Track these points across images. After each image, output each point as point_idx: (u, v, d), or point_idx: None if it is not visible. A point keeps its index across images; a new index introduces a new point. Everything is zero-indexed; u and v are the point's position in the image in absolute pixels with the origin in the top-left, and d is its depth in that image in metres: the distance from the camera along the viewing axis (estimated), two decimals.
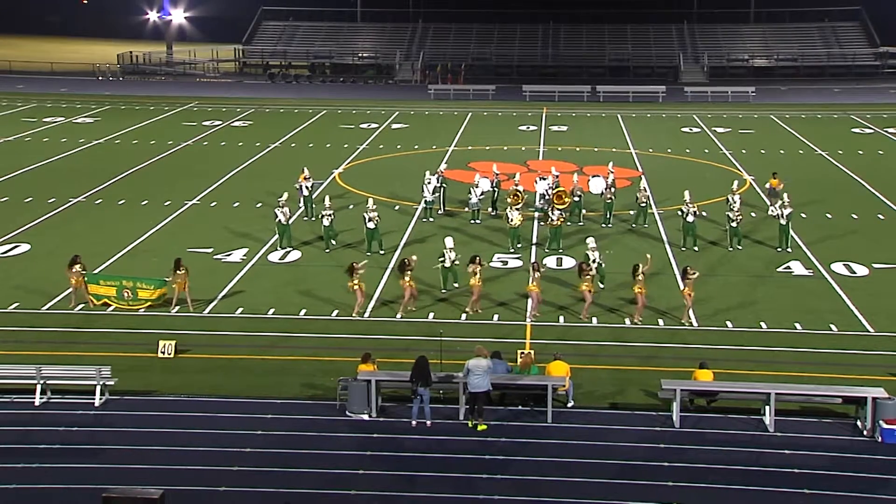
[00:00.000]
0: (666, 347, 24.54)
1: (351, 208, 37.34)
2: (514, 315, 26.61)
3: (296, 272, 30.33)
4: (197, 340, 24.84)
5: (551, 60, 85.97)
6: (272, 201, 36.55)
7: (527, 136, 55.56)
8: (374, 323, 26.13)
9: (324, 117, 62.10)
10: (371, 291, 27.91)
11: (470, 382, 20.09)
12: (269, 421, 20.49)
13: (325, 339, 25.08)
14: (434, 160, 44.96)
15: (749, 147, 51.26)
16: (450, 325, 25.61)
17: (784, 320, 26.25)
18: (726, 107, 67.09)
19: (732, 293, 28.46)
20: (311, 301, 27.68)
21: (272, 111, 64.97)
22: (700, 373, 21.30)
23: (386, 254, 31.65)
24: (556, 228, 32.28)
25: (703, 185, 40.47)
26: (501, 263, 31.04)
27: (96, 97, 70.90)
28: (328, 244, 32.21)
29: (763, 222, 35.30)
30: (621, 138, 54.22)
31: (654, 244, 33.28)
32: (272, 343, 24.81)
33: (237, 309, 27.05)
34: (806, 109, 65.46)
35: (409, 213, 37.08)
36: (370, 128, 57.69)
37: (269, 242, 33.08)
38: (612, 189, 35.76)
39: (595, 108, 67.11)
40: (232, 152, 49.63)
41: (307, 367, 23.18)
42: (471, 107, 66.76)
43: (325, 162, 46.21)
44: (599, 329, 25.76)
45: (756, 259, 31.63)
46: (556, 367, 21.33)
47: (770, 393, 20.29)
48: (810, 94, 74.06)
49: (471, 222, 35.66)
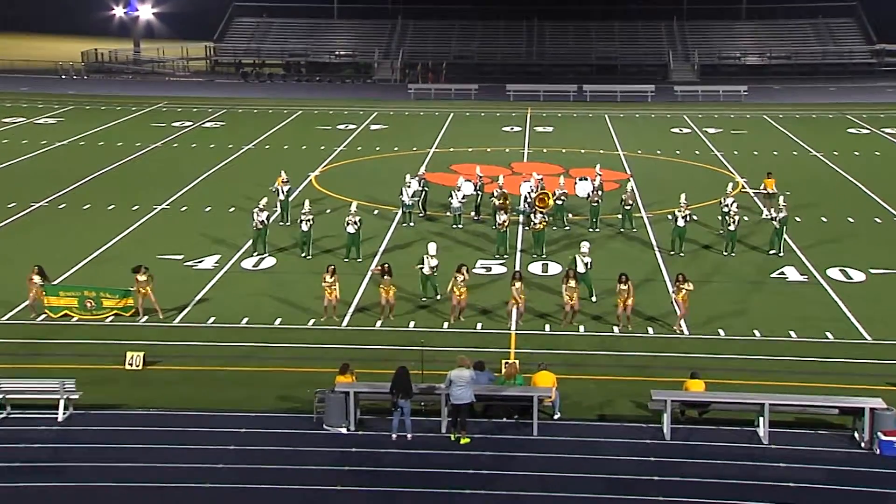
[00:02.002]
0: (656, 356, 24.59)
1: (329, 213, 37.30)
2: (497, 324, 26.63)
3: (271, 279, 30.25)
4: (167, 351, 24.73)
5: (536, 59, 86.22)
6: (245, 205, 36.47)
7: (511, 137, 55.63)
8: (352, 332, 26.09)
9: (299, 118, 62.00)
10: (348, 299, 27.90)
11: (452, 394, 20.08)
12: (242, 435, 20.41)
13: (301, 349, 25.02)
14: (414, 162, 44.97)
15: (741, 148, 51.51)
16: (431, 333, 25.59)
17: (778, 328, 26.37)
18: (717, 106, 67.41)
19: (725, 300, 28.56)
20: (286, 309, 27.61)
21: (245, 112, 64.82)
22: (691, 383, 21.37)
23: (364, 261, 31.64)
24: (538, 233, 32.32)
25: (695, 188, 40.61)
26: (485, 270, 31.07)
27: (59, 97, 70.58)
28: (304, 249, 32.16)
29: (757, 226, 35.46)
30: (609, 139, 54.38)
31: (644, 249, 33.38)
32: (246, 354, 24.74)
33: (209, 318, 26.96)
34: (800, 109, 65.86)
35: (389, 218, 37.06)
36: (348, 129, 57.64)
37: (242, 249, 32.99)
38: (599, 192, 35.87)
39: (582, 108, 67.30)
40: (203, 155, 49.48)
41: (282, 379, 23.11)
42: (453, 107, 66.82)
43: (300, 164, 46.13)
44: (587, 337, 25.79)
45: (749, 265, 31.76)
46: (542, 378, 21.34)
47: (764, 404, 20.36)
48: (805, 93, 74.52)
49: (453, 227, 35.67)
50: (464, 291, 26.53)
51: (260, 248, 32.36)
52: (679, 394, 21.06)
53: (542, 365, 21.80)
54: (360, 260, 31.61)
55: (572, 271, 26.60)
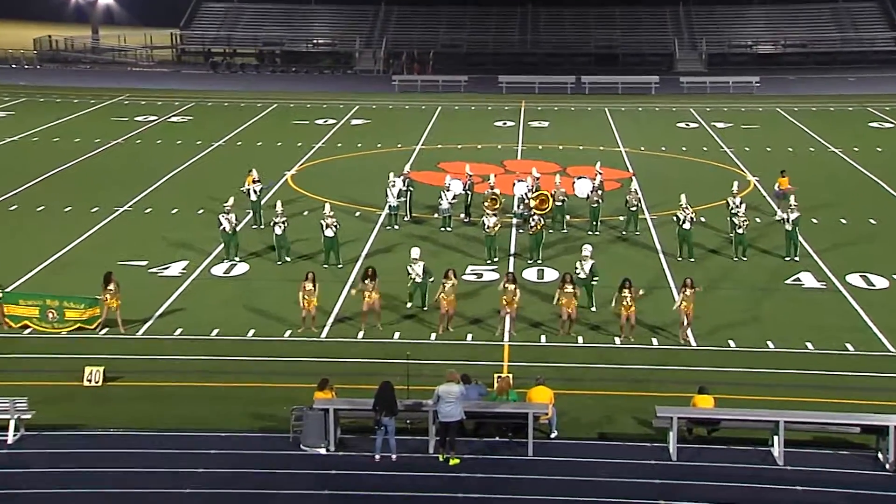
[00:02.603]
0: (661, 370, 24.65)
1: (306, 215, 37.29)
2: (489, 334, 26.67)
3: (243, 287, 30.23)
4: (129, 366, 24.67)
5: (530, 48, 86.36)
6: (215, 207, 36.42)
7: (503, 132, 55.68)
8: (332, 344, 26.09)
9: (274, 112, 61.97)
10: (328, 308, 27.92)
11: (440, 411, 20.10)
12: (212, 457, 20.38)
13: (276, 362, 25.00)
14: (399, 160, 44.98)
15: (753, 144, 51.66)
16: (418, 345, 25.60)
17: (794, 339, 26.45)
18: (727, 99, 67.63)
19: (735, 308, 28.65)
20: (260, 320, 27.60)
21: (215, 105, 64.76)
22: (699, 398, 21.42)
23: (345, 266, 31.64)
24: (535, 236, 32.39)
25: (703, 187, 40.72)
26: (475, 276, 31.10)
27: (9, 88, 70.36)
28: (280, 255, 32.17)
29: (769, 228, 35.57)
30: (609, 135, 54.50)
31: (648, 254, 33.47)
32: (216, 368, 24.70)
33: (176, 329, 26.93)
34: (817, 101, 66.10)
35: (372, 221, 37.07)
36: (327, 124, 57.65)
37: (212, 254, 32.96)
38: (600, 192, 35.96)
39: (580, 101, 67.43)
40: (169, 152, 49.41)
41: (256, 395, 23.09)
42: (440, 100, 66.89)
43: (275, 162, 46.10)
44: (586, 349, 25.84)
45: (761, 270, 31.87)
46: (539, 393, 21.37)
47: (779, 421, 20.40)
48: (822, 83, 74.74)
49: (441, 230, 35.72)
50: (452, 300, 26.58)
51: (231, 254, 32.35)
52: (686, 410, 21.10)
53: (540, 379, 21.82)
54: (340, 266, 31.61)
55: (570, 276, 26.67)
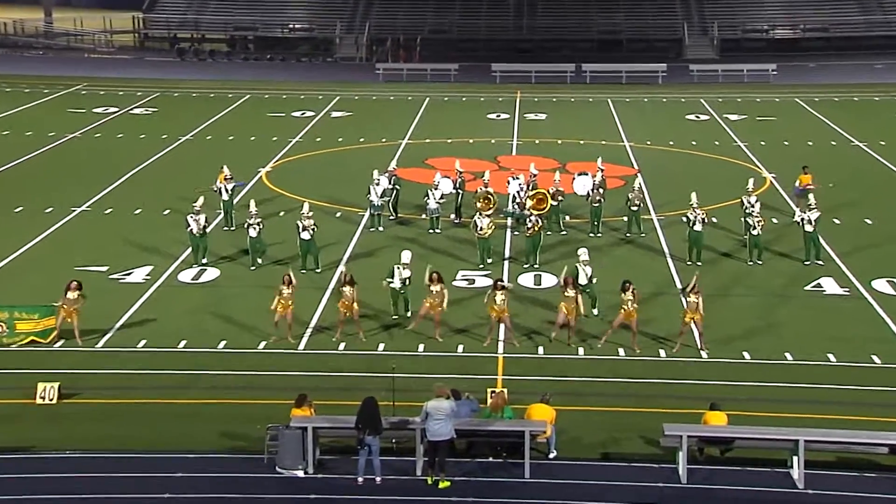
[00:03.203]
0: (669, 384, 24.66)
1: (282, 216, 37.28)
2: (481, 345, 26.67)
3: (213, 294, 30.21)
4: (87, 382, 24.58)
5: (526, 33, 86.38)
6: (183, 207, 36.38)
7: (497, 126, 55.76)
8: (310, 357, 26.07)
9: (247, 103, 61.96)
10: (306, 317, 27.90)
11: (429, 429, 20.08)
12: (179, 481, 20.33)
13: (249, 376, 24.96)
14: (384, 156, 45.00)
15: (769, 138, 51.78)
16: (404, 357, 25.59)
17: (814, 350, 26.49)
18: (741, 88, 67.78)
19: (750, 316, 28.69)
20: (232, 330, 27.57)
21: (182, 96, 64.72)
22: (711, 415, 21.43)
23: (324, 271, 31.63)
24: (532, 238, 32.41)
25: (715, 185, 40.75)
26: (467, 282, 31.10)
27: None
28: (254, 260, 32.13)
29: (787, 230, 35.62)
30: (612, 128, 54.58)
31: (654, 257, 33.52)
32: (183, 383, 24.65)
33: (139, 341, 26.87)
34: (839, 90, 66.25)
35: (354, 222, 37.08)
36: (304, 116, 57.65)
37: (179, 258, 32.93)
38: (601, 190, 35.98)
39: (580, 91, 67.53)
40: (132, 146, 49.35)
41: (228, 413, 23.04)
42: (428, 90, 66.94)
43: (249, 159, 46.07)
44: (587, 361, 25.85)
45: (779, 275, 31.93)
46: (539, 411, 21.32)
47: (799, 440, 20.40)
48: (845, 71, 74.86)
49: (429, 232, 35.73)
50: (436, 304, 26.58)
51: (200, 258, 32.31)
52: (697, 428, 21.11)
53: (546, 397, 21.74)
54: (318, 271, 31.60)
55: (571, 279, 26.69)
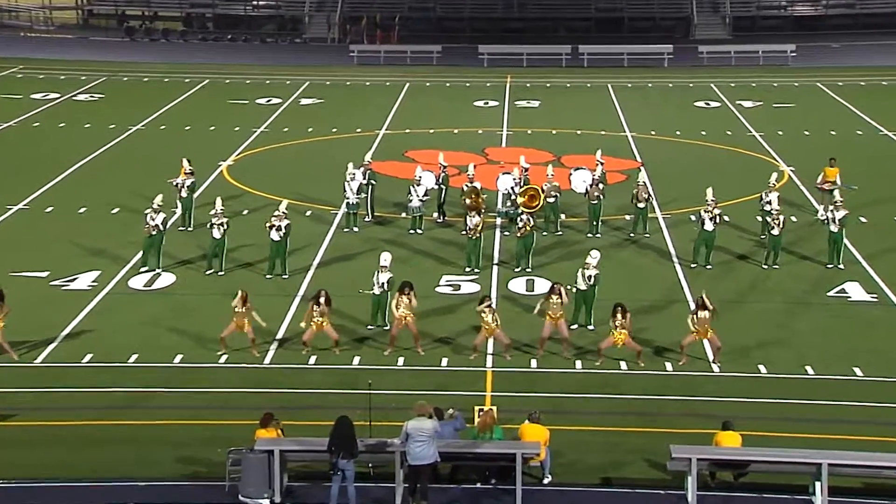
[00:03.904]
0: (677, 401, 24.69)
1: (246, 214, 37.27)
2: (468, 358, 26.66)
3: (169, 303, 30.15)
4: (23, 401, 24.46)
5: (517, 12, 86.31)
6: (134, 204, 36.30)
7: (485, 114, 55.75)
8: (277, 372, 26.03)
9: (205, 89, 61.85)
10: (273, 328, 27.90)
11: (410, 452, 20.07)
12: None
13: (209, 394, 24.91)
14: (359, 148, 44.93)
15: (788, 127, 51.86)
16: (381, 372, 25.60)
17: (838, 363, 26.53)
18: (756, 72, 67.85)
19: (767, 326, 28.75)
20: (189, 343, 27.52)
21: (132, 80, 64.55)
22: (724, 436, 21.48)
23: (292, 277, 31.63)
24: (524, 240, 32.42)
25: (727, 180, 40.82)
26: (452, 288, 31.12)
27: None
28: (213, 263, 32.02)
29: (809, 230, 35.74)
30: (613, 117, 54.62)
31: (660, 260, 33.56)
32: (135, 402, 24.57)
33: (85, 356, 26.78)
34: (866, 74, 66.33)
35: (326, 222, 37.04)
36: (270, 104, 57.57)
37: (130, 262, 32.87)
38: (601, 186, 35.99)
39: (577, 75, 67.51)
40: (75, 137, 49.25)
41: (184, 435, 23.00)
42: (408, 75, 66.88)
43: (208, 151, 45.94)
44: (585, 376, 25.87)
45: (799, 279, 32.00)
46: (531, 431, 21.36)
47: (821, 464, 20.40)
48: (872, 52, 74.83)
49: (410, 232, 35.73)
50: (408, 315, 26.60)
51: (154, 262, 32.25)
52: (708, 450, 21.14)
53: (534, 416, 21.79)
54: (286, 276, 31.56)
55: (558, 286, 26.64)
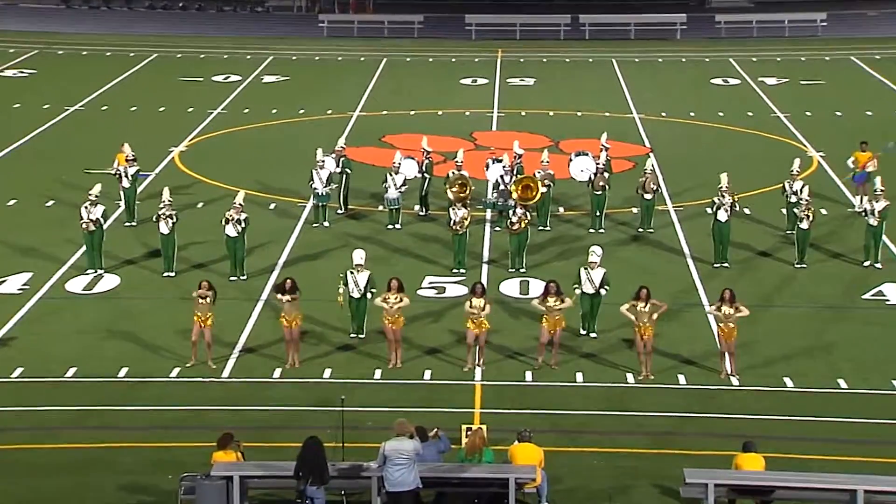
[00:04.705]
0: (690, 418, 24.71)
1: (201, 207, 37.25)
2: (454, 370, 26.69)
3: (112, 308, 30.13)
4: None
5: None
6: (71, 197, 36.23)
7: (473, 93, 55.87)
8: (237, 386, 25.99)
9: (154, 64, 61.83)
10: (233, 337, 27.86)
11: (388, 477, 20.04)
12: None
13: (158, 412, 24.85)
14: (330, 132, 44.96)
15: (817, 107, 52.05)
16: (356, 386, 25.59)
17: (875, 375, 26.55)
18: (781, 45, 68.02)
19: (794, 333, 28.79)
20: (136, 353, 27.47)
21: (68, 54, 64.56)
22: (745, 458, 21.47)
23: (253, 279, 31.59)
24: (518, 236, 32.43)
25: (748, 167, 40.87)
26: (436, 291, 31.11)
27: None
28: (165, 263, 31.97)
29: (843, 223, 35.81)
30: (619, 97, 54.77)
31: (671, 258, 33.59)
32: (74, 422, 24.51)
33: (14, 370, 26.69)
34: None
35: (292, 216, 37.03)
36: (228, 81, 57.60)
37: (68, 262, 32.83)
38: (606, 175, 35.96)
39: (578, 49, 67.64)
40: (2, 119, 49.37)
41: (130, 460, 22.91)
42: (386, 49, 66.91)
43: (157, 135, 45.96)
44: (588, 390, 25.88)
45: (831, 280, 32.05)
46: (524, 452, 21.35)
47: (856, 490, 20.41)
48: None
49: (388, 228, 35.72)
50: (398, 319, 26.58)
51: (95, 262, 32.19)
52: (726, 474, 21.15)
53: (526, 434, 21.79)
54: (244, 278, 31.52)
55: (554, 286, 26.59)
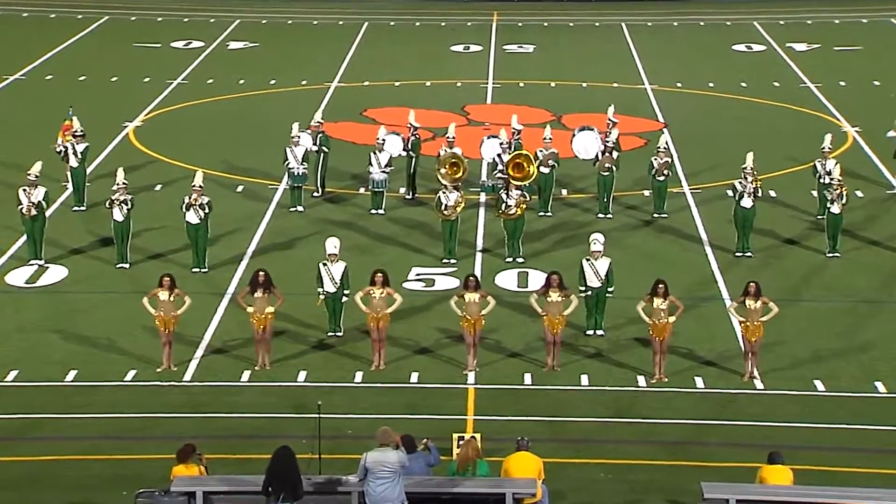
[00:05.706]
0: (709, 426, 24.82)
1: (159, 190, 37.30)
2: (447, 371, 26.80)
3: (58, 304, 30.21)
4: None
5: None
6: (11, 178, 36.27)
7: (465, 62, 55.93)
8: (199, 391, 26.05)
9: (105, 28, 61.90)
10: (196, 336, 27.94)
11: (370, 492, 20.12)
12: None
13: (112, 420, 24.89)
14: (305, 105, 44.97)
15: (852, 76, 52.15)
16: (333, 390, 25.71)
17: None
18: (811, 5, 67.97)
19: (825, 330, 28.93)
20: (86, 354, 27.54)
21: (10, 17, 64.58)
22: (770, 470, 21.56)
23: (217, 270, 31.68)
24: (514, 221, 32.49)
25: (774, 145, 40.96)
26: (424, 283, 31.21)
27: None
28: (119, 252, 32.01)
29: (882, 207, 35.91)
30: (629, 65, 54.84)
31: (688, 246, 33.68)
32: (14, 432, 24.57)
33: None
34: None
35: (263, 199, 37.09)
36: (189, 48, 57.61)
37: (8, 253, 32.91)
38: (615, 153, 35.99)
39: (582, 11, 67.61)
40: None
41: (81, 474, 22.95)
42: (367, 10, 66.86)
43: (109, 108, 46.05)
44: (594, 395, 25.99)
45: (867, 271, 32.20)
46: (521, 463, 21.42)
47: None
48: None
49: (371, 212, 35.79)
50: (384, 316, 26.69)
51: (37, 251, 32.23)
52: (749, 489, 21.25)
53: (523, 442, 21.87)
54: (205, 270, 31.57)
55: (556, 278, 26.64)
